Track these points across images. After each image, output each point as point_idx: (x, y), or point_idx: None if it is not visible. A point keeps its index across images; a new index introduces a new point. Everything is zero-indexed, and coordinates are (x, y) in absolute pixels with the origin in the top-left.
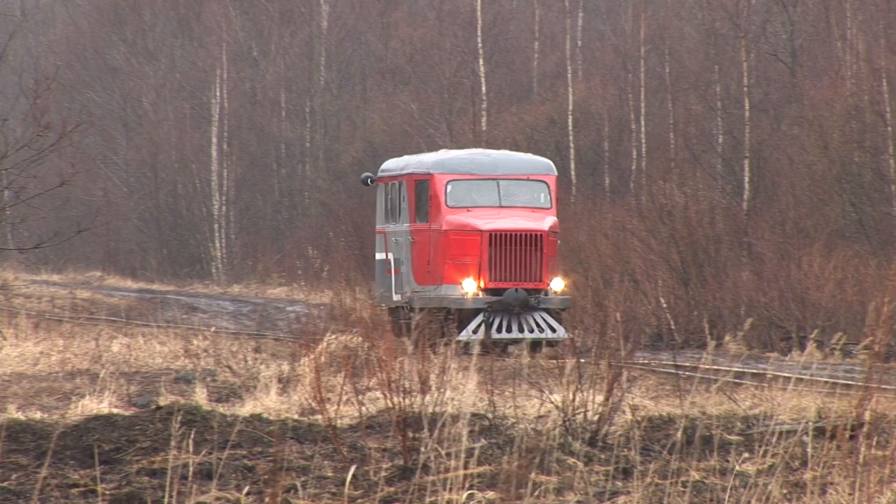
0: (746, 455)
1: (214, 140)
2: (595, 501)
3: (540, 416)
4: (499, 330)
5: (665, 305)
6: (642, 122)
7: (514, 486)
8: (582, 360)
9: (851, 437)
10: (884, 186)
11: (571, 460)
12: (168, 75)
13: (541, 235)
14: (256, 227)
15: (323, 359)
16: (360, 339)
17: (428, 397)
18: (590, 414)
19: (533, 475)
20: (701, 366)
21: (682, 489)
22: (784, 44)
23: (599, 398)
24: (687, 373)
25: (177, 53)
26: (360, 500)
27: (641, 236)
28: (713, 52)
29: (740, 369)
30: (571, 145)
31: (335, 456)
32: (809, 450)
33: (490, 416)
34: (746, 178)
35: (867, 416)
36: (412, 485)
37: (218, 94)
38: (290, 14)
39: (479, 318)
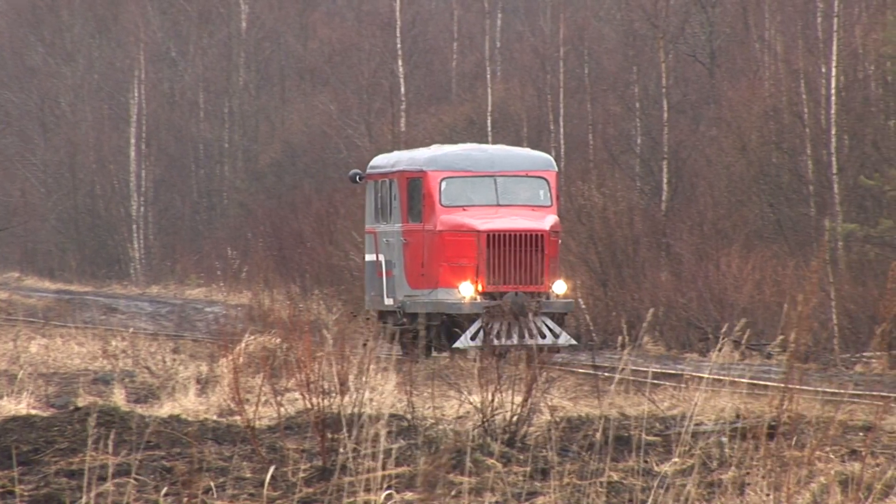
0: (665, 455)
1: (133, 141)
2: (513, 502)
3: (459, 417)
4: (498, 336)
5: (584, 306)
6: (561, 123)
7: (433, 487)
8: (501, 361)
9: (769, 438)
10: (801, 187)
11: (490, 461)
12: (86, 76)
13: (541, 236)
14: (175, 228)
15: (241, 360)
16: (279, 339)
17: (347, 398)
18: (508, 415)
19: (451, 476)
20: (619, 366)
21: (599, 489)
22: (703, 45)
23: (518, 399)
24: (605, 373)
25: (95, 54)
26: (278, 501)
27: (560, 237)
28: (632, 52)
29: (659, 370)
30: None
31: (254, 457)
32: (727, 450)
33: (409, 416)
34: (665, 179)
35: (785, 416)
36: (330, 485)
37: (136, 94)
38: (209, 14)
39: (477, 323)
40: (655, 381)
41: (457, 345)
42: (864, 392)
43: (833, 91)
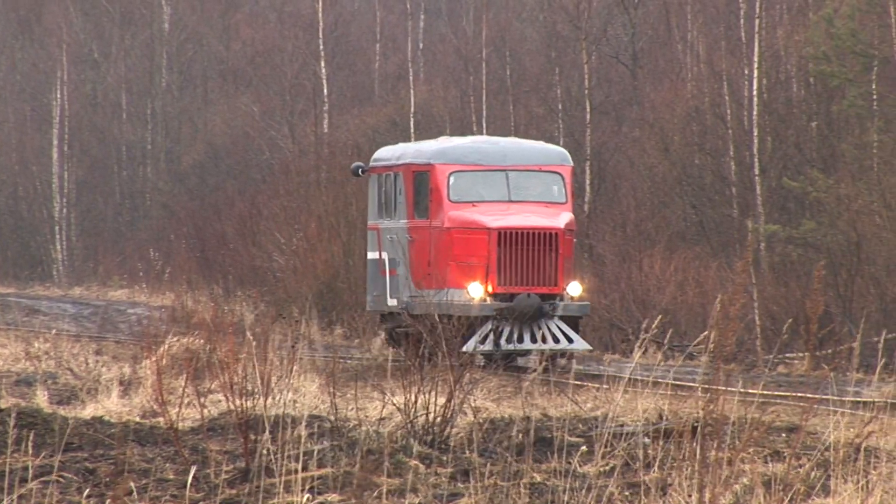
0: (587, 456)
1: (55, 142)
2: (435, 503)
3: (382, 419)
4: (509, 340)
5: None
6: (484, 125)
7: (356, 489)
8: (425, 362)
9: (693, 439)
10: (724, 188)
11: (413, 462)
12: (8, 76)
13: (555, 234)
14: (97, 230)
15: (165, 361)
16: (202, 341)
17: (270, 399)
18: (431, 416)
19: (374, 477)
20: (542, 367)
21: (522, 491)
22: (625, 46)
23: (441, 400)
24: (529, 375)
25: (17, 55)
26: (200, 503)
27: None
28: (554, 54)
29: (582, 370)
30: None
31: (176, 458)
32: (650, 451)
33: (332, 418)
34: (587, 181)
35: (709, 417)
36: (253, 487)
37: (58, 95)
38: (131, 16)
39: (487, 326)
40: (578, 383)
41: (465, 349)
42: (787, 393)
43: (755, 92)
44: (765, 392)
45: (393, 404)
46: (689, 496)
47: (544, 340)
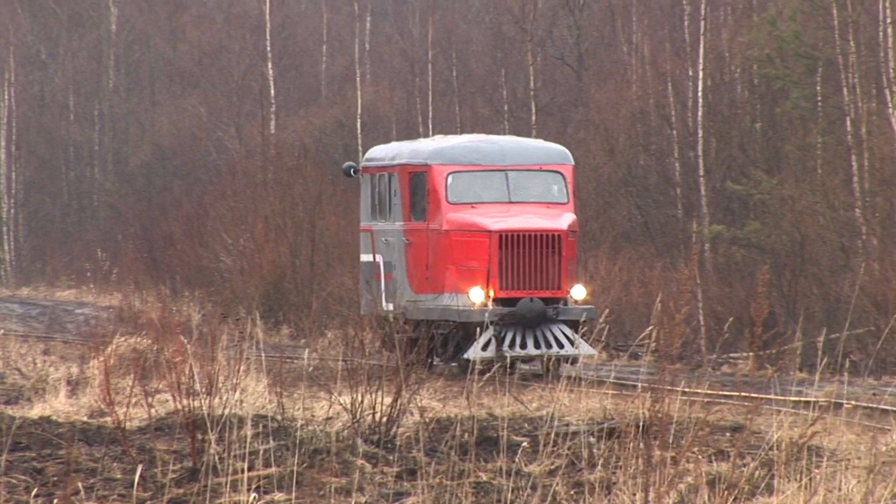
0: (533, 456)
1: (3, 143)
2: (382, 502)
3: (329, 418)
4: (511, 346)
5: None
6: (430, 125)
7: (302, 488)
8: (371, 362)
9: (638, 438)
10: (669, 189)
11: (359, 461)
12: None
13: (558, 236)
14: (45, 230)
15: (112, 361)
16: (150, 341)
17: (217, 399)
18: (378, 415)
19: (321, 476)
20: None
21: (468, 490)
22: (570, 47)
23: (387, 400)
24: (472, 374)
25: None
26: (148, 502)
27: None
28: (500, 55)
29: (527, 370)
30: (360, 148)
31: (124, 458)
32: (595, 450)
33: (279, 417)
34: None
35: (654, 416)
36: (200, 486)
37: (6, 96)
38: (79, 17)
39: (489, 332)
40: (524, 382)
41: (467, 356)
42: (731, 392)
43: (700, 94)
44: (709, 392)
45: (339, 404)
46: (634, 495)
47: (548, 346)
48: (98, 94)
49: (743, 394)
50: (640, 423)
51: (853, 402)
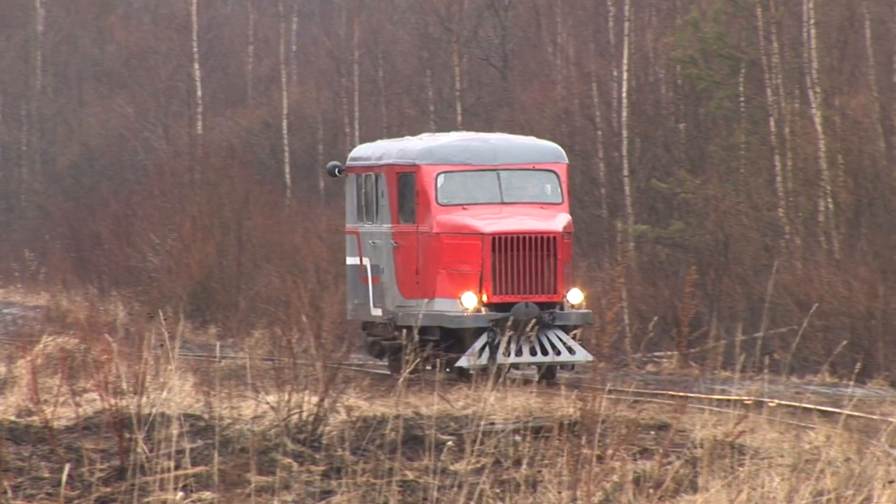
0: (459, 454)
1: None
2: (309, 501)
3: (256, 417)
4: (506, 353)
5: None
6: (356, 126)
7: (229, 487)
8: (298, 361)
9: (563, 436)
10: (594, 189)
11: (286, 460)
12: None
13: (554, 238)
14: None
15: (40, 360)
16: (77, 340)
17: (144, 398)
18: (305, 414)
19: (248, 475)
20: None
21: (394, 488)
22: (496, 48)
23: (314, 398)
24: (399, 373)
25: None
26: (75, 501)
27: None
28: (426, 56)
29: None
30: (286, 148)
31: (52, 457)
32: (521, 449)
33: (206, 416)
34: None
35: (581, 415)
36: (128, 485)
37: None
38: (6, 18)
39: (483, 338)
40: (450, 381)
41: (459, 363)
42: (656, 391)
43: (624, 94)
44: (635, 391)
45: (266, 403)
46: (560, 493)
47: (544, 353)
48: (26, 95)
49: (668, 392)
50: (567, 422)
51: (776, 401)
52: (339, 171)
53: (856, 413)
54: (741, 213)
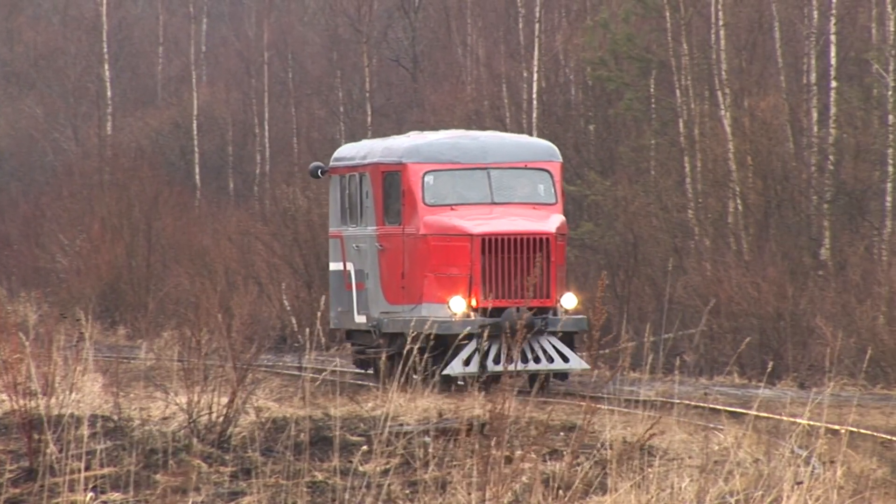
0: (368, 455)
1: None
2: (219, 502)
3: (165, 418)
4: (496, 360)
5: (289, 308)
6: (266, 127)
7: (139, 487)
8: (207, 362)
9: (472, 437)
10: None
11: (195, 461)
12: None
13: (546, 239)
14: None
15: None
16: None
17: (54, 399)
18: (214, 415)
19: (157, 476)
20: (324, 367)
21: (303, 489)
22: (406, 49)
23: (224, 400)
24: (311, 374)
25: None
26: None
27: (265, 240)
28: (336, 57)
29: (363, 371)
30: (196, 149)
31: None
32: (430, 449)
33: (115, 417)
34: None
35: (491, 416)
36: (37, 486)
37: None
38: None
39: (472, 345)
40: (360, 382)
41: (447, 371)
42: (567, 393)
43: (535, 95)
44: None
45: (176, 404)
46: (469, 494)
47: (537, 360)
48: None
49: (579, 393)
50: (476, 423)
51: (685, 402)
52: (321, 173)
53: (764, 414)
54: (651, 214)
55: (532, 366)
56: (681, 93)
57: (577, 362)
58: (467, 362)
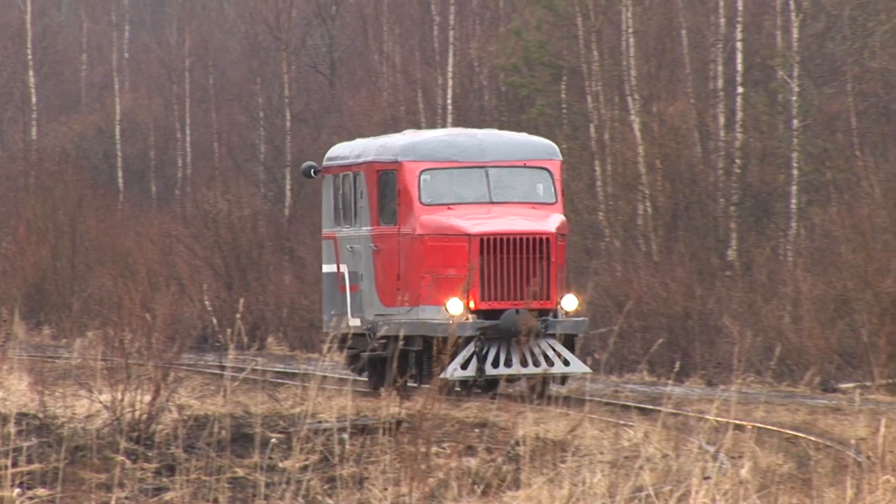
0: (288, 452)
1: None
2: (142, 497)
3: (90, 416)
4: (495, 364)
5: (210, 308)
6: (187, 132)
7: (65, 484)
8: (131, 361)
9: (390, 434)
10: None
11: (120, 458)
12: None
13: (546, 239)
14: None
15: None
16: None
17: None
18: (138, 413)
19: (82, 472)
20: (245, 366)
21: (225, 485)
22: (324, 56)
23: (147, 398)
24: (231, 373)
25: None
26: None
27: (187, 242)
28: (256, 64)
29: (283, 369)
30: (119, 154)
31: None
32: (348, 446)
33: (41, 415)
34: (288, 186)
35: (404, 414)
36: None
37: None
38: None
39: (469, 348)
40: (279, 381)
41: (444, 375)
42: (481, 391)
43: (449, 101)
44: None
45: (100, 402)
46: (386, 489)
47: (536, 364)
48: None
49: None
50: (392, 421)
51: (597, 399)
52: (314, 172)
53: (673, 411)
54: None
55: (532, 369)
56: (591, 98)
57: (577, 366)
58: (465, 366)
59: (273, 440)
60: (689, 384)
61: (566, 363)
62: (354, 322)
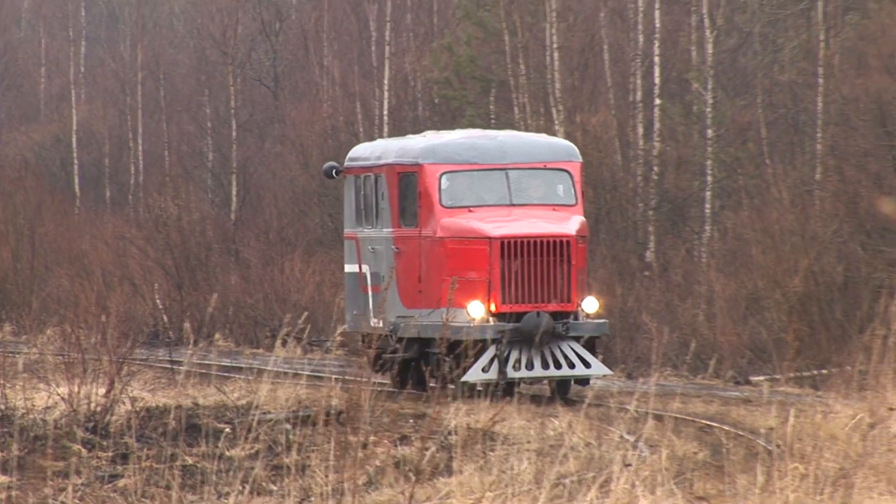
0: (235, 441)
1: None
2: (97, 484)
3: (48, 408)
4: (516, 367)
5: (161, 307)
6: (140, 141)
7: (24, 472)
8: (87, 356)
9: (330, 425)
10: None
11: (76, 447)
12: None
13: (567, 242)
14: None
15: None
16: None
17: None
18: (93, 405)
19: (41, 461)
20: (193, 361)
21: (175, 472)
22: (268, 70)
23: (102, 390)
24: (181, 367)
25: None
26: None
27: (139, 244)
28: (204, 77)
29: (229, 363)
30: (76, 162)
31: None
32: (292, 436)
33: (2, 407)
34: (234, 192)
35: (347, 405)
36: None
37: None
38: None
39: (491, 351)
40: (226, 374)
41: (466, 378)
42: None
43: (386, 112)
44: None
45: (58, 394)
46: (327, 476)
47: (557, 366)
48: None
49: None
50: (333, 411)
51: (523, 391)
52: (336, 173)
53: (595, 402)
54: None
55: (553, 371)
56: (518, 109)
57: (598, 368)
58: (486, 369)
59: (226, 431)
60: (609, 378)
61: (587, 365)
62: (375, 322)
